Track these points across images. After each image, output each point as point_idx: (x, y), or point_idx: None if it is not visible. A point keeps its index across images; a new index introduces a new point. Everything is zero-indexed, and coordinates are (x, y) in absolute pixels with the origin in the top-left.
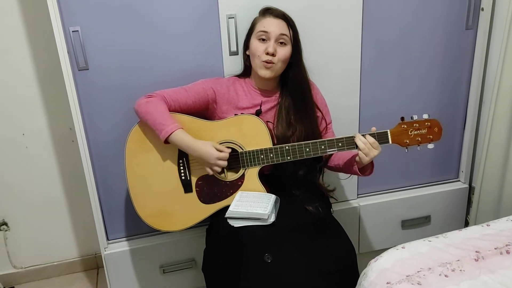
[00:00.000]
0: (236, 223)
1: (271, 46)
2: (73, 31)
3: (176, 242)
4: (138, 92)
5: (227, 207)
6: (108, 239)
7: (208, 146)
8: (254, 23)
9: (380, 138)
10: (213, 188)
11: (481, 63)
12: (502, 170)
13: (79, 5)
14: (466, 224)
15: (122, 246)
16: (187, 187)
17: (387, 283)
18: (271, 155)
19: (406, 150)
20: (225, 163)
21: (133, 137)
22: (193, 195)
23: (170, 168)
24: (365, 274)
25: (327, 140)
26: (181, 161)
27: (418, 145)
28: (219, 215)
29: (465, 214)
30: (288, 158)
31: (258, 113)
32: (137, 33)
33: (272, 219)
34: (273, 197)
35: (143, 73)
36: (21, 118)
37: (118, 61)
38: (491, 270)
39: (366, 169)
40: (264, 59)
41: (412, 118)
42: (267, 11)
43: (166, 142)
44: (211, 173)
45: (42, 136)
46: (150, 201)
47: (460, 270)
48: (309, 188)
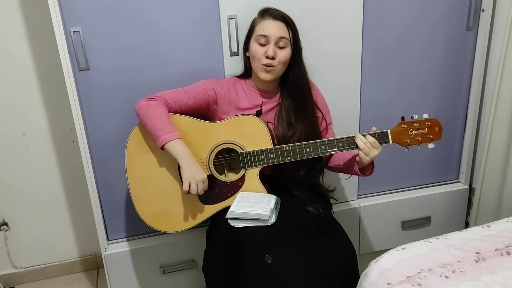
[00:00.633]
0: (236, 224)
1: (270, 50)
2: (74, 31)
3: (176, 242)
4: (139, 92)
5: (227, 208)
6: (108, 239)
7: (199, 168)
8: (253, 25)
9: (381, 138)
10: (214, 188)
11: (482, 64)
12: (502, 171)
13: (80, 5)
14: (467, 225)
15: (122, 247)
16: None
17: (388, 284)
18: (272, 156)
19: (407, 150)
20: (206, 189)
21: (133, 138)
22: (194, 196)
23: (170, 168)
24: (365, 275)
25: (327, 140)
26: None
27: (419, 145)
28: (220, 215)
29: (466, 215)
30: (289, 158)
31: (258, 114)
32: (138, 33)
33: (272, 220)
34: (273, 198)
35: (144, 74)
36: (21, 118)
37: (119, 61)
38: (491, 271)
39: (366, 169)
40: (264, 63)
41: (412, 118)
42: (266, 12)
43: (162, 148)
44: (186, 188)
45: (43, 136)
46: (150, 202)
47: (461, 271)
48: (310, 188)
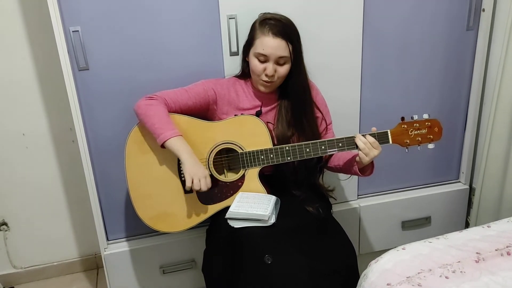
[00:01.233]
0: (236, 224)
1: (270, 69)
2: (73, 31)
3: (176, 242)
4: (138, 92)
5: (227, 208)
6: (108, 239)
7: (200, 164)
8: (253, 36)
9: (381, 138)
10: (214, 188)
11: (482, 64)
12: (502, 171)
13: (80, 5)
14: (467, 225)
15: (122, 247)
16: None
17: (388, 284)
18: (271, 156)
19: (407, 150)
20: (209, 186)
21: (133, 138)
22: (193, 196)
23: (170, 169)
24: (365, 275)
25: (327, 141)
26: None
27: (419, 145)
28: (220, 216)
29: (466, 215)
30: (288, 158)
31: (258, 114)
32: (138, 33)
33: (272, 220)
34: (273, 198)
35: (144, 74)
36: (21, 118)
37: (118, 61)
38: (491, 272)
39: (366, 169)
40: (264, 79)
41: (412, 118)
42: (266, 25)
43: (163, 146)
44: (189, 185)
45: (42, 137)
46: (150, 202)
47: (461, 271)
48: (309, 188)
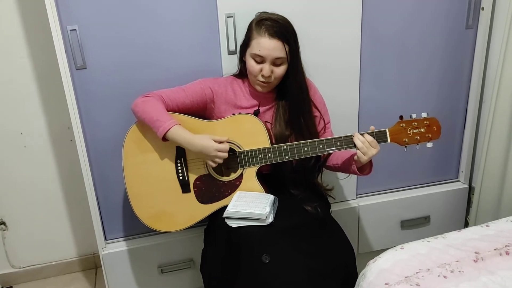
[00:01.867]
0: (233, 223)
1: (266, 70)
2: (70, 30)
3: (174, 242)
4: (136, 91)
5: (225, 207)
6: (106, 239)
7: (206, 139)
8: (250, 36)
9: (379, 137)
10: (211, 188)
11: (481, 63)
12: (502, 170)
13: (77, 4)
14: (466, 224)
15: (120, 246)
16: (185, 187)
17: (386, 284)
18: (269, 155)
19: (405, 149)
20: (226, 154)
21: (131, 137)
22: (191, 195)
23: (168, 168)
24: (363, 275)
25: (325, 139)
26: (179, 161)
27: (417, 144)
28: (217, 215)
29: (465, 214)
30: (286, 157)
31: (256, 114)
32: (135, 32)
33: (270, 219)
34: (271, 197)
35: (141, 72)
36: (19, 117)
37: (116, 60)
38: (490, 271)
39: (364, 168)
40: (260, 79)
41: (411, 116)
42: (262, 26)
43: (164, 139)
44: (213, 165)
45: (41, 135)
46: (148, 202)
47: (459, 271)
48: (308, 187)
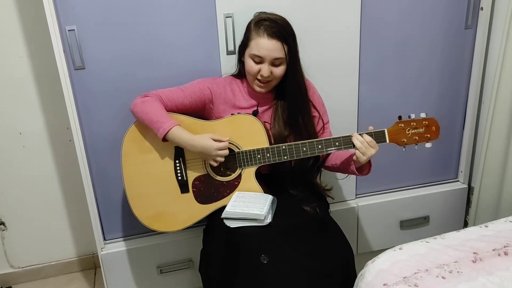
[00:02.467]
0: (232, 224)
1: (265, 70)
2: (69, 30)
3: (173, 242)
4: (135, 91)
5: (224, 207)
6: (105, 239)
7: (206, 139)
8: (248, 37)
9: (378, 137)
10: (210, 188)
11: (481, 63)
12: (501, 170)
13: (75, 4)
14: (465, 224)
15: (119, 246)
16: (183, 188)
17: (384, 284)
18: (268, 155)
19: (404, 149)
20: (227, 152)
21: (129, 137)
22: (190, 195)
23: (166, 168)
24: (362, 275)
25: (324, 140)
26: (177, 161)
27: (416, 144)
28: (216, 215)
29: (464, 214)
30: (285, 157)
31: (255, 114)
32: (134, 32)
33: (268, 219)
34: (269, 197)
35: (140, 72)
36: (18, 117)
37: (114, 60)
38: (488, 272)
39: (363, 168)
40: (259, 79)
41: (409, 117)
42: (261, 26)
43: (164, 140)
44: (215, 164)
45: (39, 136)
46: (146, 202)
47: (458, 271)
48: (307, 188)
